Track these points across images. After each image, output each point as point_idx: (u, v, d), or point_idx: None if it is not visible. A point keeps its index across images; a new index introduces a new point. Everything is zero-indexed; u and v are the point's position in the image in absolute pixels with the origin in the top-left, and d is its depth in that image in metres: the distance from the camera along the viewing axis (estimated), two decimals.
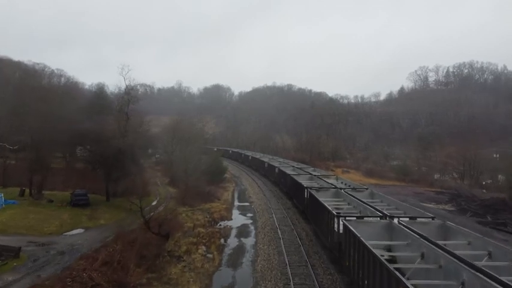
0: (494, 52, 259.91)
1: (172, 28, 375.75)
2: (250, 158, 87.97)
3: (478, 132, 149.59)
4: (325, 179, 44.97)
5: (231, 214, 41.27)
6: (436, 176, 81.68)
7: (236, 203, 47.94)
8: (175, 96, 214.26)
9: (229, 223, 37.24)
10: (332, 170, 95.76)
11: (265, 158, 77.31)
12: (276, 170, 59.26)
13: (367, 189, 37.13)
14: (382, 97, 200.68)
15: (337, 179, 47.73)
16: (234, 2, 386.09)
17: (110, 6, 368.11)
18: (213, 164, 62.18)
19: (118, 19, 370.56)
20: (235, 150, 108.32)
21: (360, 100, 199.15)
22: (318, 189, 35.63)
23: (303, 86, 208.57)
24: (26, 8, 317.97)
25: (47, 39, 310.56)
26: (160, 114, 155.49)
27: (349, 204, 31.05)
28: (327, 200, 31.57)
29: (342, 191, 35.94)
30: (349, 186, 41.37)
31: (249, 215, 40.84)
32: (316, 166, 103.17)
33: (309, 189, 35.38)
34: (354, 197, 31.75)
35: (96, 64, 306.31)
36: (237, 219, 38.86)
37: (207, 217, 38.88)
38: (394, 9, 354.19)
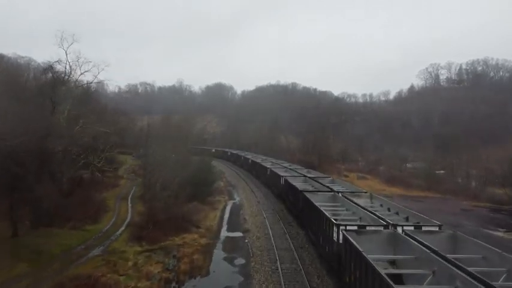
0: (509, 48, 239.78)
1: (174, 27, 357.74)
2: (250, 161, 71.32)
3: (498, 133, 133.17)
4: (355, 200, 28.41)
5: (211, 260, 24.42)
6: (474, 185, 64.63)
7: (223, 233, 31.22)
8: (176, 95, 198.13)
9: (202, 284, 20.72)
10: (345, 176, 79.01)
11: (268, 163, 60.59)
12: (282, 180, 42.59)
13: (441, 226, 20.60)
14: (391, 96, 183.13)
15: (371, 198, 31.10)
16: (236, 1, 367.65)
17: (110, 7, 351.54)
18: (200, 170, 45.62)
19: (118, 19, 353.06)
20: (235, 151, 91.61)
21: (368, 99, 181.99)
22: (361, 231, 19.02)
23: (307, 85, 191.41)
24: (26, 7, 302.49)
25: (46, 38, 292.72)
26: (160, 113, 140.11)
27: (434, 274, 14.43)
28: (385, 259, 15.35)
29: (399, 230, 19.66)
30: (399, 214, 24.96)
31: (240, 261, 24.12)
32: (326, 170, 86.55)
33: (343, 231, 18.76)
34: (431, 250, 15.42)
35: (96, 62, 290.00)
36: (218, 274, 22.08)
37: (168, 268, 22.37)
38: (398, 8, 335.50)
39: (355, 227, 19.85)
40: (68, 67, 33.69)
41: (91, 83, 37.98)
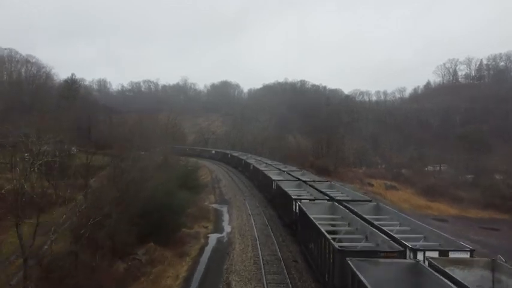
0: None
1: (178, 24, 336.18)
2: (251, 167, 53.95)
3: None
4: (458, 277, 11.07)
5: None
6: None
7: None
8: (180, 93, 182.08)
9: None
10: (369, 185, 61.31)
11: (274, 172, 42.95)
12: (295, 206, 25.22)
13: None
14: (407, 93, 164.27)
15: (492, 268, 13.70)
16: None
17: (113, 3, 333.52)
18: (166, 187, 28.29)
19: (120, 16, 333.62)
20: (236, 154, 74.15)
21: (382, 96, 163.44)
22: None
23: (317, 83, 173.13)
24: (32, 3, 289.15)
25: (47, 36, 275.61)
26: (163, 112, 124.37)
27: None
28: None
29: None
30: None
31: None
32: (343, 176, 69.29)
33: None
34: None
35: (98, 60, 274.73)
36: None
37: None
38: (410, 3, 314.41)
39: None
40: None
41: None
